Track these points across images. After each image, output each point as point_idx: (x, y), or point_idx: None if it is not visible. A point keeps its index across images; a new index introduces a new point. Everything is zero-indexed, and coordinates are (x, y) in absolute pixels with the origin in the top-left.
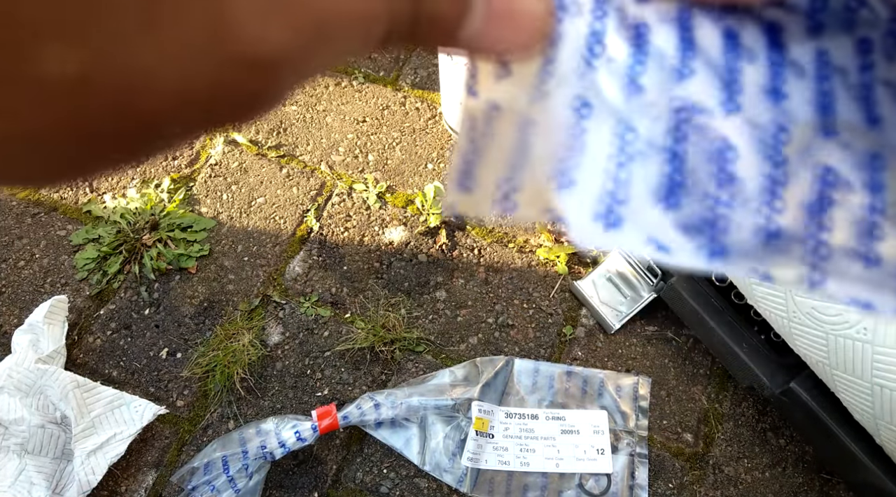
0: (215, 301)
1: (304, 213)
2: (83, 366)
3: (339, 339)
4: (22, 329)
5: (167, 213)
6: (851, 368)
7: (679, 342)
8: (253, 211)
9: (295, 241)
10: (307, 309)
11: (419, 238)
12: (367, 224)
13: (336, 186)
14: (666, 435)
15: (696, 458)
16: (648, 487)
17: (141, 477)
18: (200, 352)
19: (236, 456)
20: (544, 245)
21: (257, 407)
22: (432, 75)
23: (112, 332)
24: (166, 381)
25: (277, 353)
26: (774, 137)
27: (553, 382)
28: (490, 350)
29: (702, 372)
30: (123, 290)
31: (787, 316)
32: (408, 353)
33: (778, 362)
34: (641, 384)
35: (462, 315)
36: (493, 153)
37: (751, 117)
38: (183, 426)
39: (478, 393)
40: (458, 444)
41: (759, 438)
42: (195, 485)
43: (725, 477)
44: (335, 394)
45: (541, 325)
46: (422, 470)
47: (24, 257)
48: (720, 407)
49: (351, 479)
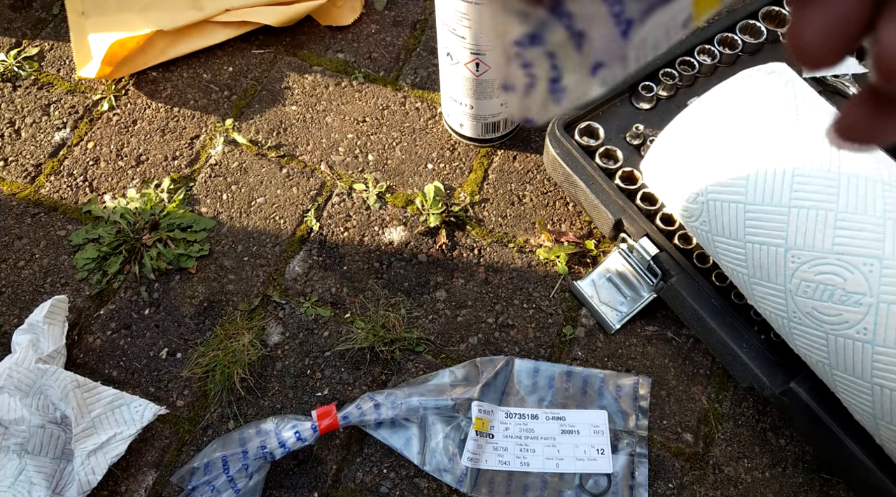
0: (215, 301)
1: (304, 213)
2: (83, 366)
3: (339, 339)
4: (22, 329)
5: (167, 213)
6: (851, 368)
7: (679, 342)
8: (253, 211)
9: (295, 241)
10: (307, 309)
11: (419, 238)
12: (367, 224)
13: (336, 186)
14: (666, 435)
15: (696, 458)
16: (648, 487)
17: (141, 477)
18: (200, 352)
19: (236, 456)
20: (544, 245)
21: (257, 407)
22: (432, 75)
23: (112, 332)
24: (166, 381)
25: (277, 353)
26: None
27: (553, 382)
28: (490, 350)
29: (702, 372)
30: (123, 290)
31: (786, 316)
32: (408, 353)
33: (778, 362)
34: (641, 384)
35: (462, 315)
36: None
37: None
38: (183, 426)
39: (478, 393)
40: (458, 445)
41: (759, 438)
42: (195, 485)
43: (725, 477)
44: (335, 394)
45: (541, 325)
46: (422, 470)
47: (24, 257)
48: (720, 407)
49: (351, 479)
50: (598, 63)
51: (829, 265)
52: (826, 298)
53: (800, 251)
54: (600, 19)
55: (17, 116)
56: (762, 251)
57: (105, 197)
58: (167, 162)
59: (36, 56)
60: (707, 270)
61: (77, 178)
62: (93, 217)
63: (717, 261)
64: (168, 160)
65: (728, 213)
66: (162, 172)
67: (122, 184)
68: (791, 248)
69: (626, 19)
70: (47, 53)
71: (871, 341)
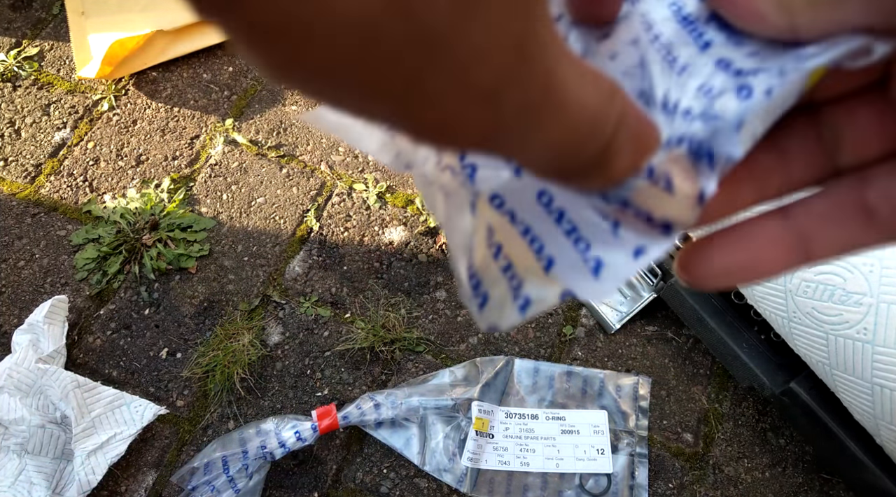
0: (215, 301)
1: (304, 213)
2: (83, 366)
3: (339, 339)
4: (22, 329)
5: (167, 213)
6: (851, 368)
7: (679, 342)
8: (253, 211)
9: (295, 241)
10: (307, 309)
11: (419, 238)
12: (367, 224)
13: (336, 186)
14: (666, 435)
15: (696, 458)
16: (648, 487)
17: (141, 477)
18: (200, 352)
19: (236, 456)
20: None
21: (257, 407)
22: None
23: (112, 332)
24: (166, 381)
25: (277, 353)
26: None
27: (553, 382)
28: (490, 350)
29: (702, 372)
30: (123, 290)
31: (787, 316)
32: (408, 353)
33: (778, 362)
34: (641, 384)
35: (462, 315)
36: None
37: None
38: (183, 426)
39: (478, 393)
40: (458, 444)
41: (759, 438)
42: (195, 485)
43: (725, 477)
44: (335, 394)
45: (541, 325)
46: (422, 470)
47: (24, 257)
48: (720, 407)
49: (351, 479)
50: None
51: (830, 265)
52: (826, 298)
53: None
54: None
55: (17, 116)
56: None
57: (105, 197)
58: (167, 162)
59: (36, 56)
60: None
61: (77, 178)
62: (93, 217)
63: None
64: (168, 160)
65: None
66: (162, 172)
67: (122, 184)
68: None
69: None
70: (47, 53)
71: (871, 341)
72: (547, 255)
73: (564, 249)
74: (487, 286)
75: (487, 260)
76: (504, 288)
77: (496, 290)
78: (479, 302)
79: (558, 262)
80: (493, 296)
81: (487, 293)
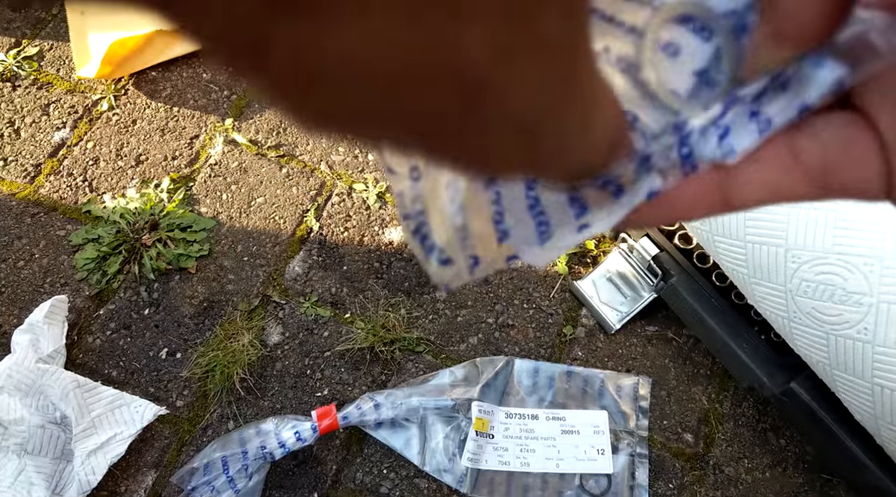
0: (215, 301)
1: (303, 213)
2: (83, 366)
3: (339, 339)
4: (22, 329)
5: (167, 213)
6: (852, 368)
7: (679, 342)
8: (252, 211)
9: (295, 241)
10: (307, 309)
11: None
12: (366, 224)
13: (336, 186)
14: (666, 435)
15: (697, 458)
16: (649, 488)
17: (141, 477)
18: (200, 352)
19: (236, 456)
20: None
21: (257, 407)
22: None
23: (112, 332)
24: (166, 382)
25: (277, 354)
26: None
27: (553, 382)
28: (490, 350)
29: (702, 372)
30: (123, 290)
31: (787, 316)
32: (408, 354)
33: (778, 362)
34: (641, 384)
35: (462, 315)
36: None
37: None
38: (183, 426)
39: (478, 393)
40: (458, 445)
41: (760, 438)
42: (195, 485)
43: (726, 477)
44: (335, 394)
45: (541, 325)
46: (422, 470)
47: (24, 257)
48: (720, 407)
49: (351, 480)
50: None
51: (830, 265)
52: (826, 298)
53: (800, 251)
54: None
55: (17, 116)
56: (762, 251)
57: (105, 197)
58: (167, 162)
59: (35, 56)
60: (707, 270)
61: (77, 177)
62: (92, 217)
63: (717, 261)
64: (168, 160)
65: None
66: (162, 172)
67: (121, 184)
68: (791, 248)
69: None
70: (47, 53)
71: (872, 341)
72: (503, 228)
73: (522, 223)
74: (451, 253)
75: (452, 229)
76: (461, 258)
77: (458, 257)
78: (439, 260)
79: (513, 235)
80: (456, 261)
81: (450, 257)
